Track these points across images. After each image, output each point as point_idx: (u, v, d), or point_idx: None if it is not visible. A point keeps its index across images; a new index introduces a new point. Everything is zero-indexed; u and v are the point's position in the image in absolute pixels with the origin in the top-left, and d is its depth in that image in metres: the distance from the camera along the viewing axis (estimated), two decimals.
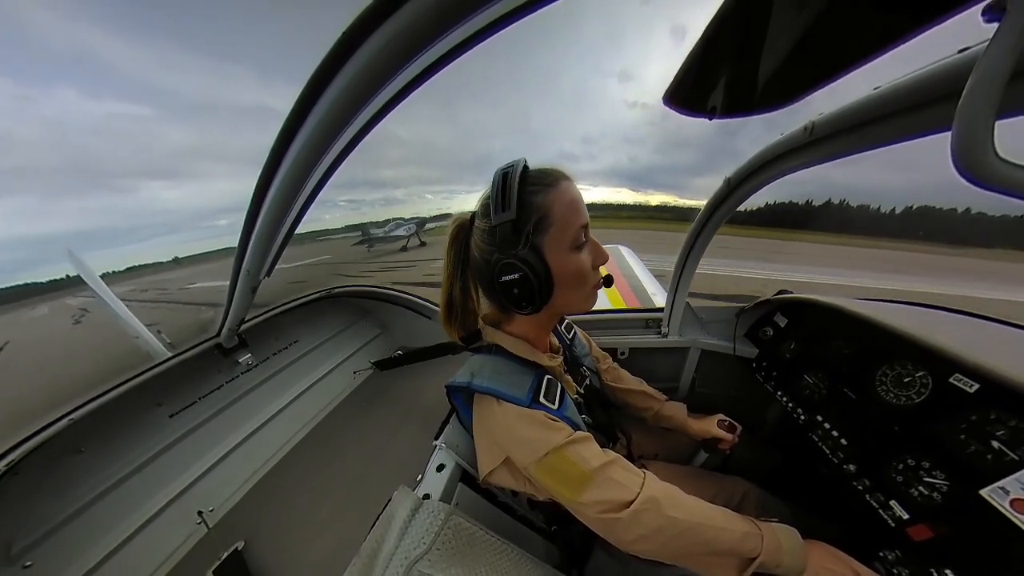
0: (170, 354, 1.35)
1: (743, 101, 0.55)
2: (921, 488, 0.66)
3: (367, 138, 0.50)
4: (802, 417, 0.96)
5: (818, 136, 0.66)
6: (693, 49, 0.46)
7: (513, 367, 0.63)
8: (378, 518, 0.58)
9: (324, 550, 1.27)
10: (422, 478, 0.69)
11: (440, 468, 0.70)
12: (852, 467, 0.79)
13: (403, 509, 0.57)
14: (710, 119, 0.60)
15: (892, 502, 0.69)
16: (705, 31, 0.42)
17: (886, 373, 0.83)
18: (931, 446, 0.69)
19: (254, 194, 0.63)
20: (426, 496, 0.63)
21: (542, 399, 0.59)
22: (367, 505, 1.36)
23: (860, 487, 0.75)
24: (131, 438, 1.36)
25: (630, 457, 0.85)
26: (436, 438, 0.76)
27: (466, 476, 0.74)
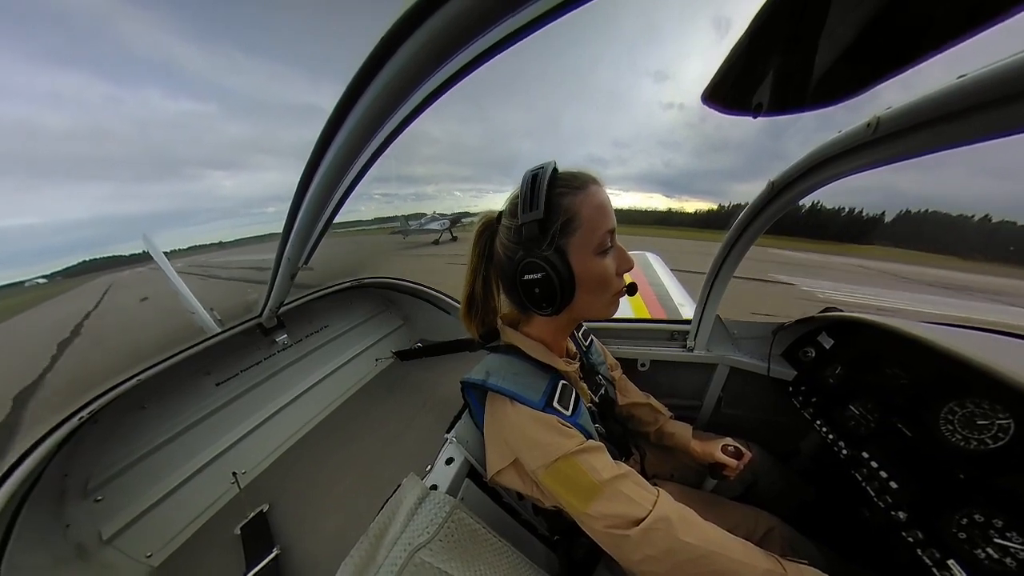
0: (219, 329, 1.49)
1: (795, 95, 0.50)
2: (990, 550, 0.57)
3: (402, 135, 0.53)
4: (844, 451, 0.86)
5: (883, 133, 0.58)
6: (738, 42, 0.42)
7: (529, 369, 0.63)
8: (387, 501, 0.60)
9: (337, 523, 1.35)
10: (431, 469, 0.71)
11: (449, 461, 0.71)
12: (901, 514, 0.69)
13: (411, 496, 0.59)
14: (754, 117, 0.55)
15: (951, 562, 0.60)
16: (752, 22, 0.39)
17: (954, 410, 0.72)
18: (1007, 502, 0.59)
19: (297, 188, 0.67)
20: (433, 487, 0.64)
21: (556, 404, 0.58)
22: (379, 487, 1.42)
23: (911, 539, 0.66)
24: (184, 400, 1.53)
25: (643, 475, 0.82)
26: (448, 431, 0.77)
27: (473, 472, 0.74)
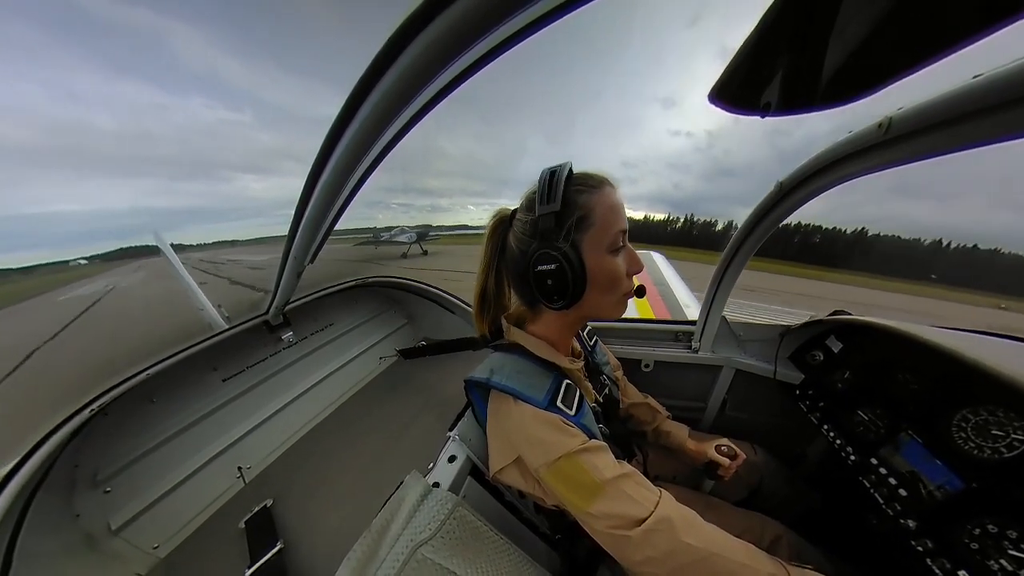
0: (226, 326, 1.51)
1: (805, 94, 0.49)
2: (1004, 562, 0.55)
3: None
4: (852, 457, 0.84)
5: (896, 134, 0.57)
6: (746, 40, 0.42)
7: (533, 368, 0.63)
8: (390, 498, 0.61)
9: (340, 519, 1.36)
10: (433, 466, 0.71)
11: (451, 459, 0.71)
12: (911, 523, 0.68)
13: (413, 493, 0.60)
14: (762, 116, 0.54)
15: (961, 572, 0.58)
16: (762, 20, 0.38)
17: (967, 418, 0.70)
18: (1023, 513, 0.57)
19: (304, 188, 0.68)
20: (436, 484, 0.64)
21: (559, 403, 0.58)
22: (381, 483, 1.43)
23: (920, 548, 0.64)
24: (191, 395, 1.55)
25: (646, 476, 0.82)
26: (450, 429, 0.77)
27: (475, 470, 0.74)
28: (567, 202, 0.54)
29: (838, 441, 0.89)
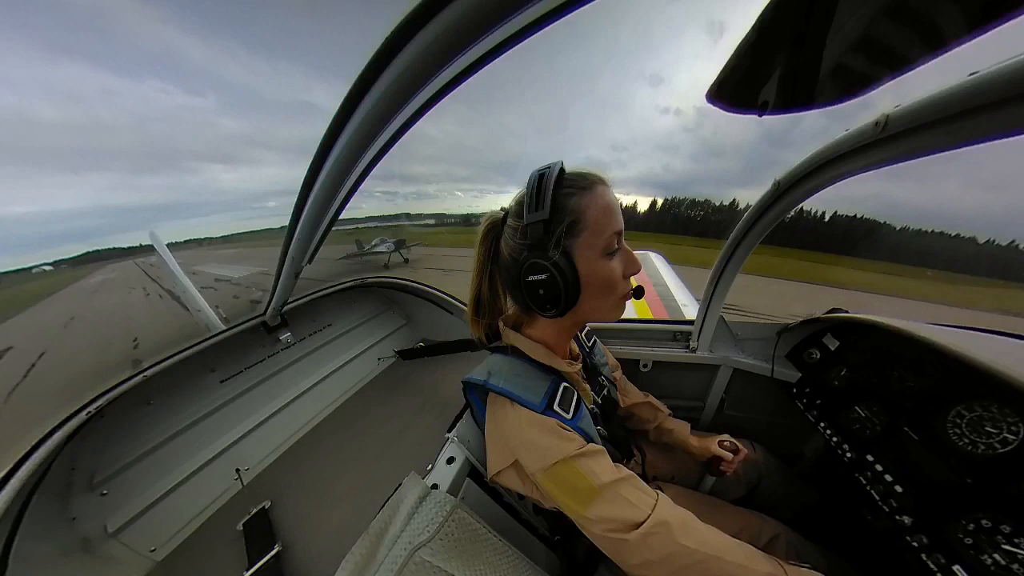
0: (224, 327, 1.50)
1: (802, 93, 0.49)
2: (997, 556, 0.56)
3: (404, 135, 0.52)
4: (848, 454, 0.85)
5: (892, 132, 0.57)
6: (744, 39, 0.41)
7: (530, 371, 0.62)
8: (388, 500, 0.60)
9: (338, 521, 1.35)
10: (432, 468, 0.71)
11: (450, 461, 0.71)
12: (906, 519, 0.68)
13: (411, 495, 0.59)
14: (760, 115, 0.54)
15: (956, 567, 0.59)
16: (759, 19, 0.38)
17: (962, 414, 0.71)
18: (1016, 507, 0.58)
19: (302, 186, 0.67)
20: (434, 486, 0.64)
21: (556, 407, 0.58)
22: (380, 485, 1.42)
23: (915, 544, 0.65)
24: (189, 397, 1.54)
25: (644, 477, 0.81)
26: (449, 431, 0.77)
27: (474, 472, 0.74)
28: (557, 207, 0.52)
29: (835, 439, 0.90)
